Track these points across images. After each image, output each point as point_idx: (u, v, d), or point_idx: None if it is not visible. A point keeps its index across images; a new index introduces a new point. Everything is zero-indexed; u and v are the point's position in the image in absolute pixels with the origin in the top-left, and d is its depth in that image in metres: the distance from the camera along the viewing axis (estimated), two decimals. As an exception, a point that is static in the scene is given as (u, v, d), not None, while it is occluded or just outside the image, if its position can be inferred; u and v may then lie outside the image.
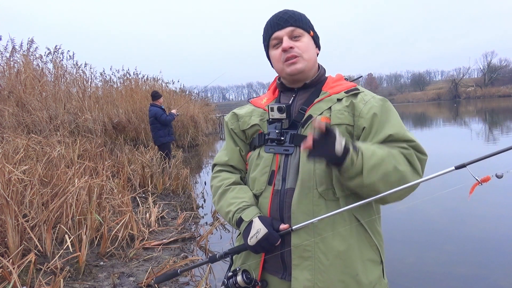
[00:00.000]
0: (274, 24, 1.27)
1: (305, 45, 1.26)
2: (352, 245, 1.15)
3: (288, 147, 1.22)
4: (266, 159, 1.25)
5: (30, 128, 7.36)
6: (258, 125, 1.32)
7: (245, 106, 1.47)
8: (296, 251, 1.16)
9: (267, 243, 1.14)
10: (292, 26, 1.25)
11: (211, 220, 5.21)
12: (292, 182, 1.20)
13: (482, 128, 16.44)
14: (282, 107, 1.23)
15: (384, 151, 1.11)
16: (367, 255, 1.19)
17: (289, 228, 1.15)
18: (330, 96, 1.25)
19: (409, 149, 1.13)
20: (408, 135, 1.16)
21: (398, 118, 1.22)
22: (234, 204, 1.25)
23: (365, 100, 1.21)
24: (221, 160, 1.40)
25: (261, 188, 1.25)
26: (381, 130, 1.16)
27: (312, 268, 1.14)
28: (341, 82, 1.32)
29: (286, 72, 1.27)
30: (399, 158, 1.11)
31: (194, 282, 3.24)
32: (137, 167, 6.84)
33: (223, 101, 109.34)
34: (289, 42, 1.24)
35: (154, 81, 15.53)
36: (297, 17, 1.27)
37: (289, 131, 1.24)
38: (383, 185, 1.08)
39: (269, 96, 1.40)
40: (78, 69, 11.16)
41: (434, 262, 3.56)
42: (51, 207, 3.58)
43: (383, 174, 1.08)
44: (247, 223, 1.19)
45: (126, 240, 3.85)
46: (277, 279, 1.23)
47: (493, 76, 66.22)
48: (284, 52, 1.25)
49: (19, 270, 2.79)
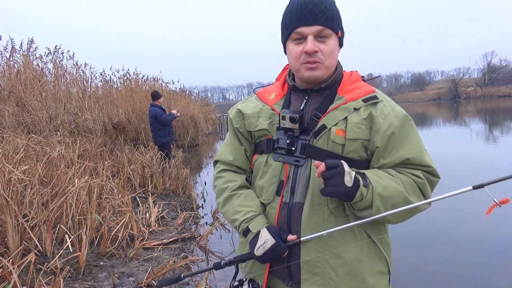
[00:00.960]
0: (302, 16, 1.09)
1: (331, 49, 1.12)
2: (362, 261, 1.13)
3: (299, 158, 1.14)
4: (275, 168, 1.18)
5: (30, 128, 7.35)
6: (266, 130, 1.22)
7: (250, 99, 1.33)
8: (306, 266, 1.14)
9: (274, 254, 1.12)
10: (321, 26, 1.09)
11: (211, 220, 5.21)
12: (301, 197, 1.15)
13: (482, 128, 16.44)
14: (295, 118, 1.12)
15: (396, 182, 1.08)
16: (376, 268, 1.16)
17: (297, 240, 1.12)
18: (347, 104, 1.14)
19: (423, 179, 1.11)
20: (426, 160, 1.12)
21: (417, 137, 1.15)
22: (241, 213, 1.21)
23: (385, 113, 1.12)
24: (226, 159, 1.32)
25: (269, 199, 1.21)
26: (398, 151, 1.11)
27: (322, 283, 1.12)
28: (359, 84, 1.20)
29: (303, 76, 1.15)
30: (411, 188, 1.09)
31: (194, 282, 3.24)
32: (137, 167, 6.84)
33: (223, 101, 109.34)
34: (314, 44, 1.09)
35: (154, 81, 15.54)
36: (329, 13, 1.09)
37: (300, 140, 1.15)
38: (392, 217, 1.08)
39: (277, 92, 1.27)
40: (78, 69, 11.17)
41: (434, 262, 3.56)
42: (51, 207, 3.58)
43: (392, 207, 1.07)
44: (254, 234, 1.16)
45: (126, 240, 3.85)
46: (282, 284, 1.22)
47: (493, 76, 66.17)
48: (306, 54, 1.11)
49: (19, 270, 2.79)
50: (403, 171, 1.12)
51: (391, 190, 1.06)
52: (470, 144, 11.31)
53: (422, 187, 1.10)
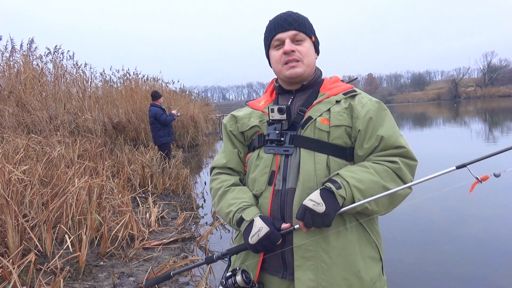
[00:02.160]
0: (278, 25, 1.29)
1: (306, 50, 1.28)
2: (353, 243, 1.18)
3: (288, 147, 1.24)
4: (266, 159, 1.26)
5: (30, 128, 7.35)
6: (257, 126, 1.33)
7: (243, 108, 1.47)
8: (298, 251, 1.17)
9: (268, 242, 1.15)
10: (295, 30, 1.27)
11: (211, 220, 5.21)
12: (293, 182, 1.21)
13: (482, 128, 16.44)
14: (283, 108, 1.25)
15: (369, 173, 1.15)
16: (367, 253, 1.21)
17: (291, 227, 1.16)
18: (329, 98, 1.27)
19: (398, 163, 1.17)
20: (400, 140, 1.20)
21: (392, 122, 1.25)
22: (234, 205, 1.26)
23: (362, 102, 1.24)
24: (220, 162, 1.40)
25: (261, 189, 1.25)
26: (375, 133, 1.20)
27: (315, 267, 1.15)
28: (338, 83, 1.35)
29: (285, 74, 1.29)
30: (388, 176, 1.16)
31: (194, 282, 3.24)
32: (137, 167, 6.84)
33: (223, 101, 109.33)
34: (291, 45, 1.26)
35: (154, 81, 15.56)
36: (301, 21, 1.29)
37: (289, 132, 1.25)
38: (375, 206, 1.15)
39: (266, 99, 1.41)
40: (78, 69, 11.17)
41: (434, 262, 3.57)
42: (51, 207, 3.58)
43: (372, 197, 1.13)
44: (248, 222, 1.20)
45: (126, 240, 3.85)
46: (277, 279, 1.23)
47: (493, 76, 66.24)
48: (285, 55, 1.27)
49: (19, 270, 2.79)
50: (378, 160, 1.19)
51: (367, 182, 1.13)
52: (470, 144, 11.31)
53: (399, 172, 1.17)
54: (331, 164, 1.19)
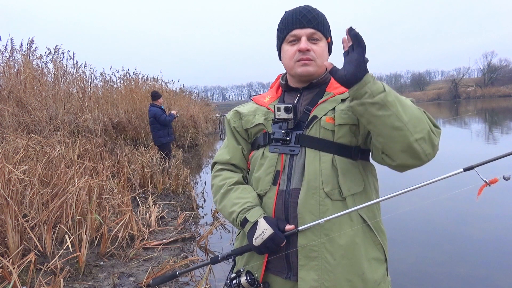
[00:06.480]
0: (296, 20, 1.24)
1: (321, 50, 1.25)
2: (358, 244, 1.16)
3: (294, 147, 1.21)
4: (271, 159, 1.24)
5: (30, 128, 7.34)
6: (262, 124, 1.30)
7: (247, 103, 1.44)
8: (303, 251, 1.16)
9: (273, 244, 1.13)
10: (313, 29, 1.23)
11: (211, 220, 5.21)
12: (297, 182, 1.19)
13: (482, 128, 16.44)
14: (290, 107, 1.22)
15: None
16: (372, 254, 1.19)
17: (295, 229, 1.14)
18: (335, 97, 1.25)
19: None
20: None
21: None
22: (238, 205, 1.24)
23: None
24: (223, 158, 1.37)
25: (266, 188, 1.24)
26: None
27: (319, 268, 1.14)
28: None
29: (297, 72, 1.26)
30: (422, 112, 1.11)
31: (194, 282, 3.24)
32: (137, 167, 6.84)
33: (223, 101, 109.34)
34: (307, 44, 1.23)
35: (154, 81, 15.52)
36: (320, 19, 1.25)
37: (294, 131, 1.23)
38: (412, 126, 1.03)
39: (272, 95, 1.38)
40: (78, 69, 11.15)
41: (434, 262, 3.56)
42: (51, 207, 3.58)
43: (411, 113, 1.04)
44: (252, 224, 1.18)
45: (126, 240, 3.85)
46: (281, 279, 1.22)
47: (493, 76, 66.17)
48: (299, 52, 1.23)
49: (19, 270, 2.79)
50: None
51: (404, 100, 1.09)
52: (470, 144, 11.31)
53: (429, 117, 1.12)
54: (337, 164, 1.18)
